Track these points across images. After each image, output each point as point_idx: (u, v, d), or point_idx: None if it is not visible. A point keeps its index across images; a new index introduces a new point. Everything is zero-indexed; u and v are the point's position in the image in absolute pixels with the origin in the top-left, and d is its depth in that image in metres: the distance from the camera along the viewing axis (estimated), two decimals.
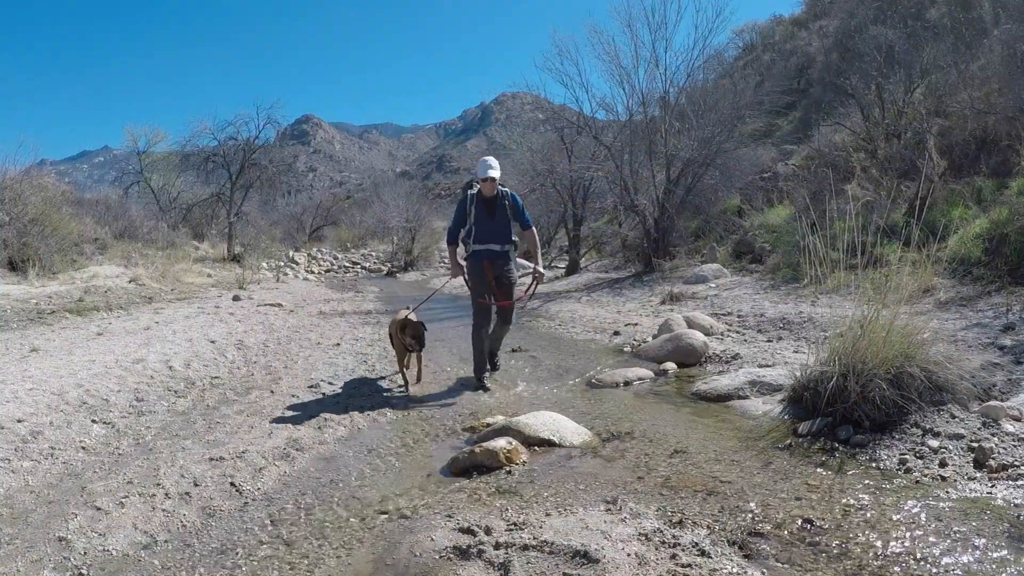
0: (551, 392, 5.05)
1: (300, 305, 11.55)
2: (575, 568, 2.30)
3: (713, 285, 9.79)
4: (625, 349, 6.65)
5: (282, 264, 22.28)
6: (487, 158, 5.21)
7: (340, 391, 5.21)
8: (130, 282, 11.92)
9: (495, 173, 5.09)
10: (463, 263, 5.43)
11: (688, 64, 13.48)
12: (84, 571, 2.45)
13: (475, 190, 5.28)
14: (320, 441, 3.98)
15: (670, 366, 5.62)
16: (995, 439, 3.12)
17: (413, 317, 5.30)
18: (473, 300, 5.29)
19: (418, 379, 5.37)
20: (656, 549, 2.41)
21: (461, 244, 5.42)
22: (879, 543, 2.39)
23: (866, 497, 2.77)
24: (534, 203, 19.62)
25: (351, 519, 2.88)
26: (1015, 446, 3.04)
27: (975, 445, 3.08)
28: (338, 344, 7.41)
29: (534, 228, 5.48)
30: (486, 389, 5.09)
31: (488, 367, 5.46)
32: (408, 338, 5.09)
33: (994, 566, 2.21)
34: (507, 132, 21.29)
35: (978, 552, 2.29)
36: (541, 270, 5.42)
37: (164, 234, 18.81)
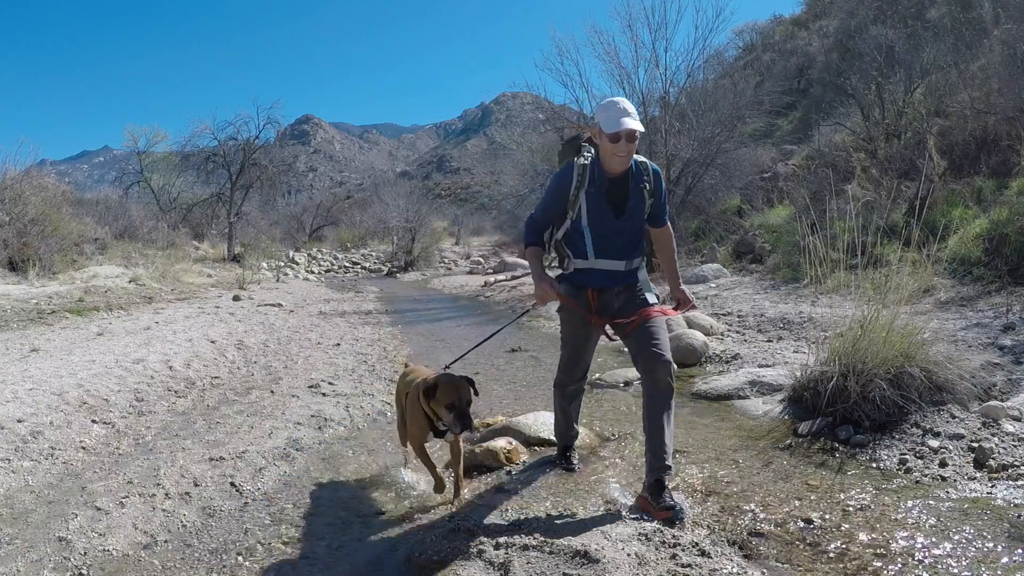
0: (551, 392, 5.04)
1: (300, 305, 11.55)
2: (575, 568, 2.30)
3: (713, 285, 9.79)
4: (625, 349, 6.65)
5: (282, 264, 22.28)
6: (617, 100, 2.85)
7: (340, 391, 5.21)
8: (130, 282, 11.92)
9: (638, 125, 2.76)
10: (549, 278, 2.95)
11: (688, 64, 13.49)
12: (84, 571, 2.45)
13: (588, 158, 2.92)
14: (320, 441, 3.98)
15: None
16: (995, 439, 3.12)
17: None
18: (563, 345, 3.22)
19: (456, 492, 3.01)
20: (656, 549, 2.41)
21: (562, 256, 3.09)
22: (879, 543, 2.39)
23: (866, 497, 2.77)
24: (534, 203, 19.65)
25: (351, 519, 2.88)
26: (1015, 446, 3.04)
27: (975, 445, 3.08)
28: (338, 344, 7.41)
29: (670, 226, 3.16)
30: (572, 469, 3.30)
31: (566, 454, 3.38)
32: (442, 409, 2.81)
33: (994, 566, 2.20)
34: (507, 132, 21.31)
35: (978, 552, 2.29)
36: (688, 293, 3.10)
37: (164, 234, 18.82)
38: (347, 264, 26.86)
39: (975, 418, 3.32)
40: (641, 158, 2.97)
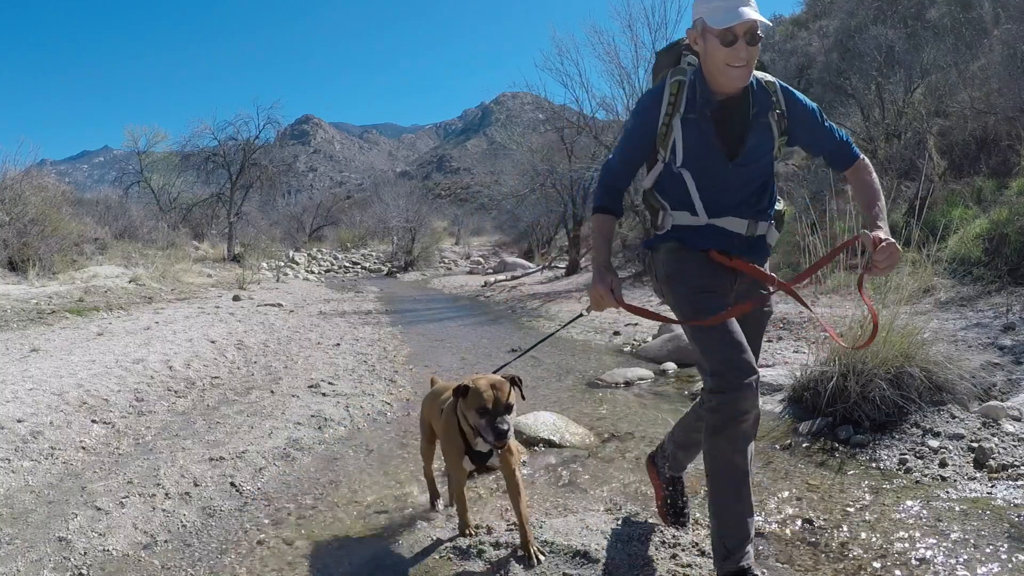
0: (551, 392, 5.05)
1: (300, 305, 11.55)
2: (575, 568, 2.30)
3: None
4: (625, 349, 6.65)
5: (282, 264, 22.29)
6: None
7: (340, 391, 5.20)
8: (130, 282, 11.92)
9: (762, 17, 1.90)
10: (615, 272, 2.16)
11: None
12: (84, 571, 2.45)
13: (689, 74, 2.04)
14: (320, 441, 3.98)
15: (670, 366, 5.63)
16: (995, 439, 3.12)
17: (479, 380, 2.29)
18: (701, 346, 2.02)
19: (525, 542, 2.35)
20: (656, 549, 2.41)
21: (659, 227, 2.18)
22: (879, 543, 2.39)
23: (866, 497, 2.77)
24: (534, 203, 19.69)
25: (351, 519, 2.88)
26: (1015, 446, 3.04)
27: (975, 445, 3.08)
28: (338, 344, 7.41)
29: (865, 158, 2.19)
30: None
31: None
32: (472, 413, 2.23)
33: (994, 566, 2.20)
34: (507, 132, 21.38)
35: (978, 552, 2.29)
36: (885, 235, 1.92)
37: (164, 234, 18.82)
38: (347, 264, 26.88)
39: (975, 418, 3.32)
40: (764, 75, 2.05)
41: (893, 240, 1.89)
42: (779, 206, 2.20)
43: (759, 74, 2.04)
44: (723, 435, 1.93)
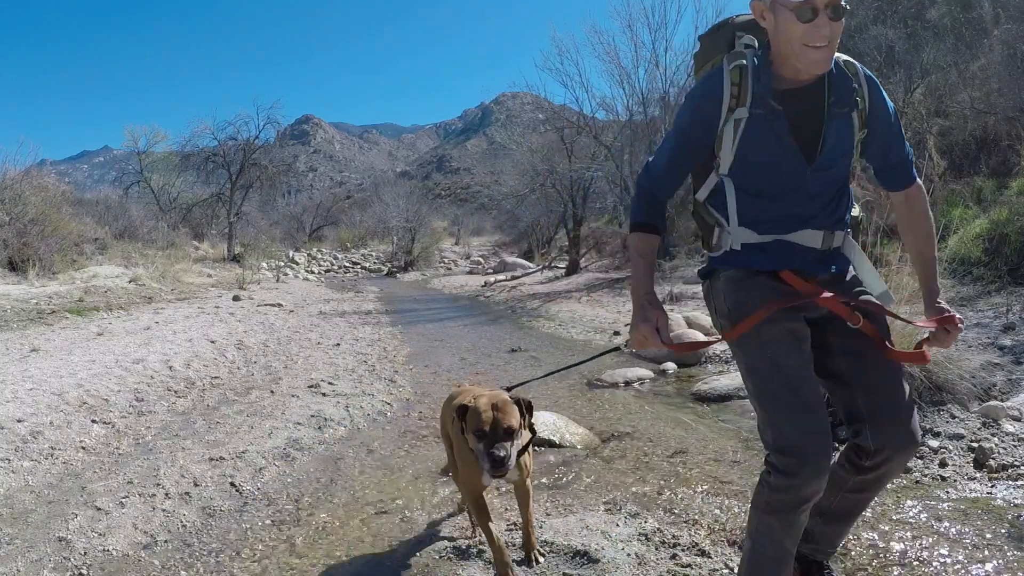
0: (551, 392, 5.05)
1: (300, 305, 11.55)
2: (575, 568, 2.30)
3: None
4: (625, 349, 6.65)
5: (282, 264, 22.29)
6: None
7: (340, 391, 5.21)
8: (130, 282, 11.92)
9: None
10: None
11: (688, 64, 13.53)
12: (84, 571, 2.45)
13: (750, 58, 1.68)
14: (320, 441, 3.98)
15: (670, 366, 5.63)
16: (995, 439, 3.12)
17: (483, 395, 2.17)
18: (769, 415, 1.75)
19: (527, 544, 2.37)
20: (656, 549, 2.41)
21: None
22: (879, 543, 2.39)
23: None
24: (534, 203, 19.70)
25: (351, 520, 2.88)
26: (1015, 446, 3.04)
27: (975, 445, 3.08)
28: (338, 344, 7.41)
29: (921, 182, 1.82)
30: None
31: None
32: (471, 435, 2.09)
33: (994, 566, 2.20)
34: (507, 132, 21.40)
35: (978, 552, 2.29)
36: (947, 307, 1.73)
37: (164, 234, 18.83)
38: (347, 264, 26.87)
39: (975, 418, 3.32)
40: (843, 55, 1.71)
41: (958, 316, 1.69)
42: (855, 212, 1.85)
43: (837, 55, 1.67)
44: (778, 517, 1.69)
